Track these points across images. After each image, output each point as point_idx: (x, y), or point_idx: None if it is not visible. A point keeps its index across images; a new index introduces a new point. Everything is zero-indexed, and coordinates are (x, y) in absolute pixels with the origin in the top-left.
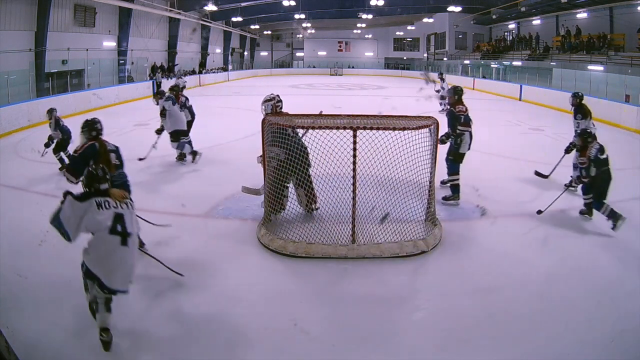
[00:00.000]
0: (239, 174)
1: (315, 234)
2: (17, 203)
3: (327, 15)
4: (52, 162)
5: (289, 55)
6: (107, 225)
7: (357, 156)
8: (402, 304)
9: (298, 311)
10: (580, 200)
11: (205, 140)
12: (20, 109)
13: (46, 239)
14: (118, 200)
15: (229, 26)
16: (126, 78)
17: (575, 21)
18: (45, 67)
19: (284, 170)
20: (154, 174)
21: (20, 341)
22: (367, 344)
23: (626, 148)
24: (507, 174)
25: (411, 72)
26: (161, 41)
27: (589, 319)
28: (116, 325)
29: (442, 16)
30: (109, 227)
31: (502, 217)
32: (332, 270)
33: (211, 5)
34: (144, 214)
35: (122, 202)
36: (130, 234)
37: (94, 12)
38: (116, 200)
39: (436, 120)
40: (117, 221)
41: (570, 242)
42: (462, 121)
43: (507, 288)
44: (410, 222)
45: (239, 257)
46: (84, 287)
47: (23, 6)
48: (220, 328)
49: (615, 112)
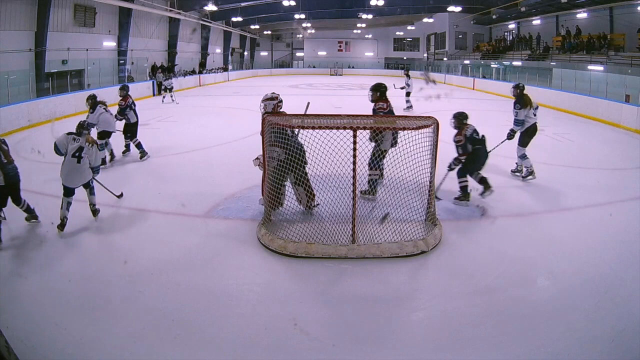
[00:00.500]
0: (239, 174)
1: (315, 233)
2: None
3: (327, 15)
4: (51, 162)
5: (289, 55)
6: (71, 151)
7: (357, 156)
8: (402, 304)
9: (298, 311)
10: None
11: (205, 140)
12: (20, 109)
13: (46, 239)
14: (87, 141)
15: (229, 26)
16: (126, 78)
17: (575, 21)
18: (45, 67)
19: (284, 170)
20: (154, 174)
21: (20, 341)
22: (367, 344)
23: (626, 148)
24: (507, 174)
25: (411, 72)
26: (161, 41)
27: (589, 319)
28: (116, 326)
29: (442, 16)
30: (72, 153)
31: (502, 217)
32: (332, 270)
33: (211, 5)
34: (144, 213)
35: (88, 142)
36: (82, 158)
37: (94, 12)
38: (85, 140)
39: (436, 120)
40: (78, 151)
41: (570, 242)
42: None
43: (507, 288)
44: (410, 222)
45: (239, 257)
46: (60, 208)
47: (23, 6)
48: (220, 328)
49: (615, 112)
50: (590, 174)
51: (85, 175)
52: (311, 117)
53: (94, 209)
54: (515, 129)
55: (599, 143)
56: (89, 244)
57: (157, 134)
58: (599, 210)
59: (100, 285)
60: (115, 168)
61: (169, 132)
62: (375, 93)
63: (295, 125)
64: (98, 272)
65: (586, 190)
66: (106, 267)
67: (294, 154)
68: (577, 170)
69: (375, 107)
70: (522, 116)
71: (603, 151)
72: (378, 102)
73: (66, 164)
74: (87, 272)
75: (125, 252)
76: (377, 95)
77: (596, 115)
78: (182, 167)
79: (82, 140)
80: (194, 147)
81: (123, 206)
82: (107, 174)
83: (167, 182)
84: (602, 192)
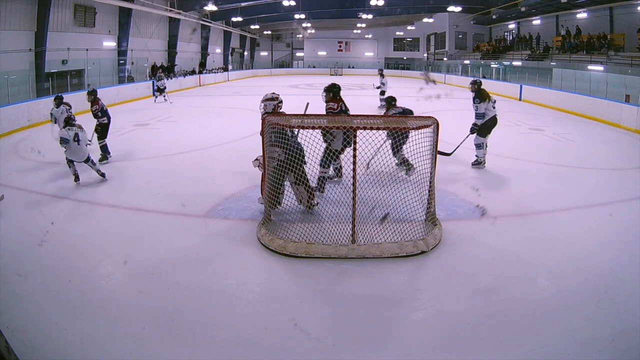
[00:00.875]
0: (238, 174)
1: (315, 233)
2: (17, 203)
3: (327, 15)
4: (51, 161)
5: (289, 55)
6: (72, 136)
7: (357, 156)
8: (402, 304)
9: (298, 311)
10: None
11: (205, 140)
12: (20, 109)
13: (46, 239)
14: (78, 128)
15: (229, 26)
16: (126, 78)
17: (575, 21)
18: (45, 67)
19: (284, 169)
20: (154, 174)
21: (20, 341)
22: (367, 344)
23: (626, 148)
24: (507, 174)
25: (411, 72)
26: (161, 41)
27: (589, 319)
28: (116, 326)
29: (442, 16)
30: (72, 137)
31: (502, 217)
32: (332, 270)
33: (211, 5)
34: (144, 213)
35: (79, 129)
36: (80, 141)
37: (94, 12)
38: (77, 127)
39: (436, 120)
40: (75, 135)
41: (570, 242)
42: None
43: (507, 288)
44: (410, 222)
45: (239, 257)
46: (71, 173)
47: (23, 6)
48: (220, 328)
49: (615, 112)
50: (590, 174)
51: (84, 152)
52: (311, 117)
53: (101, 174)
54: (477, 123)
55: (599, 143)
56: (89, 244)
57: (157, 134)
58: (599, 210)
59: (100, 285)
60: (115, 168)
61: (169, 132)
62: (328, 94)
63: (295, 125)
64: (98, 272)
65: (586, 190)
66: (106, 267)
67: (293, 154)
68: (577, 170)
69: (327, 107)
70: (482, 109)
71: (603, 151)
72: (330, 102)
73: (71, 147)
74: (87, 272)
75: (125, 252)
76: (330, 95)
77: (596, 115)
78: (182, 167)
79: (75, 128)
80: (194, 147)
81: (123, 206)
82: (107, 172)
83: (167, 182)
84: (602, 192)
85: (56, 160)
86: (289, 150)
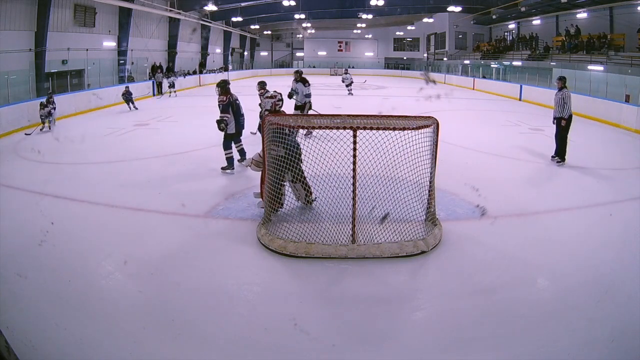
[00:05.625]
0: (238, 174)
1: (315, 234)
2: (17, 203)
3: (327, 15)
4: (51, 162)
5: (289, 55)
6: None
7: (357, 156)
8: (402, 304)
9: (298, 311)
10: None
11: (205, 140)
12: (20, 109)
13: (46, 239)
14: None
15: (229, 26)
16: (126, 78)
17: (575, 21)
18: (45, 67)
19: (283, 168)
20: (154, 174)
21: (20, 341)
22: (367, 344)
23: (626, 148)
24: (507, 174)
25: (411, 72)
26: (161, 41)
27: (589, 319)
28: (116, 326)
29: (442, 16)
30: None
31: (502, 217)
32: (332, 270)
33: (211, 5)
34: (144, 213)
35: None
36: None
37: (94, 12)
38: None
39: (436, 120)
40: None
41: (570, 242)
42: (221, 109)
43: (507, 288)
44: (410, 222)
45: (238, 257)
46: None
47: (23, 6)
48: (220, 328)
49: (615, 112)
50: (590, 174)
51: None
52: (311, 117)
53: None
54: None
55: (599, 143)
56: (89, 244)
57: (157, 134)
58: (599, 210)
59: (100, 285)
60: (116, 168)
61: (169, 132)
62: (218, 89)
63: (295, 125)
64: (98, 272)
65: (586, 190)
66: (106, 267)
67: (291, 151)
68: (577, 170)
69: (218, 100)
70: None
71: (603, 151)
72: (220, 95)
73: None
74: (87, 272)
75: (125, 252)
76: (219, 90)
77: (596, 115)
78: (182, 167)
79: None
80: (194, 147)
81: (123, 206)
82: (107, 173)
83: (167, 182)
84: (602, 192)
85: (56, 160)
86: (287, 147)
